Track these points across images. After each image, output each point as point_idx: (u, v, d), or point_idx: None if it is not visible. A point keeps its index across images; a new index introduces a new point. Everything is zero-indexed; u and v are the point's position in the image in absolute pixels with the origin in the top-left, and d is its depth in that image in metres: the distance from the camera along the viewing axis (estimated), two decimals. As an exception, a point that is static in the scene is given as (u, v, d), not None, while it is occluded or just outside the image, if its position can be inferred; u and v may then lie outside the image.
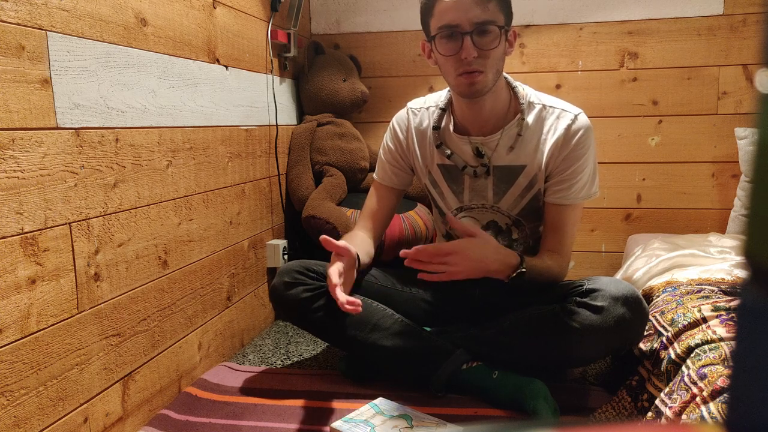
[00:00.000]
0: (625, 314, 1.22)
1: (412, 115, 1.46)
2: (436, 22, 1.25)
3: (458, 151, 1.40)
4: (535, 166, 1.35)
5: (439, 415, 1.24)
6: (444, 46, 1.25)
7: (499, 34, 1.23)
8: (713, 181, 2.11)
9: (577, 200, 1.35)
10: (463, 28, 1.21)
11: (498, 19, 1.23)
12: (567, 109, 1.34)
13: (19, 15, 0.92)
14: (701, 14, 2.04)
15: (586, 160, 1.33)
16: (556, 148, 1.32)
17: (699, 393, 0.96)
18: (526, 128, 1.34)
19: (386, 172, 1.50)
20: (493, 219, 1.43)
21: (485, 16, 1.21)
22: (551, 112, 1.34)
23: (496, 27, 1.22)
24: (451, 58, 1.25)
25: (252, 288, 1.79)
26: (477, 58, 1.22)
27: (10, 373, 0.92)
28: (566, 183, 1.33)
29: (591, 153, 1.34)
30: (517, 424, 0.27)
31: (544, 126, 1.34)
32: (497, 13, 1.22)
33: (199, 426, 1.24)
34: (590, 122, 1.34)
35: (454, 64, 1.25)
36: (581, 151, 1.32)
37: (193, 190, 1.43)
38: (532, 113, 1.35)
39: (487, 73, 1.25)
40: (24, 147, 0.93)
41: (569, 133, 1.31)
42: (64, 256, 1.02)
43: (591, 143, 1.33)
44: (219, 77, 1.56)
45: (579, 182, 1.33)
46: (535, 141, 1.34)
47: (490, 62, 1.24)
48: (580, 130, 1.31)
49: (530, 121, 1.34)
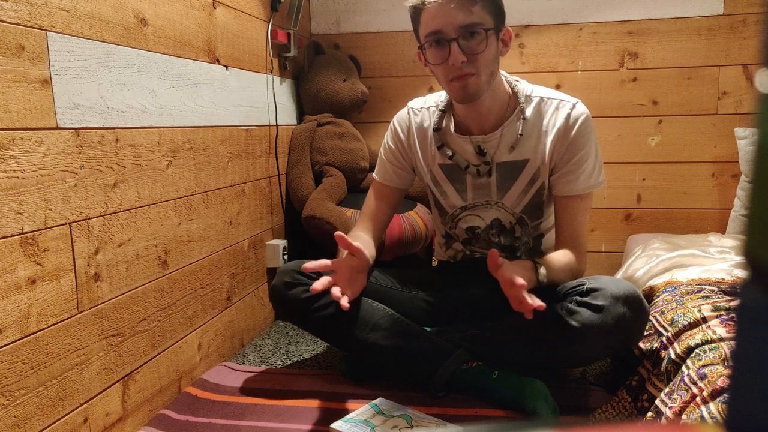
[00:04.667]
0: (626, 313, 1.22)
1: (413, 114, 1.47)
2: (424, 29, 1.25)
3: (460, 151, 1.40)
4: (538, 159, 1.35)
5: (439, 415, 1.24)
6: (433, 54, 1.25)
7: (486, 36, 1.22)
8: (713, 181, 2.11)
9: (586, 190, 1.34)
10: (448, 35, 1.21)
11: (485, 20, 1.21)
12: (565, 99, 1.35)
13: (19, 15, 0.92)
14: (701, 14, 2.04)
15: (589, 147, 1.33)
16: (558, 139, 1.33)
17: (699, 393, 0.96)
18: (526, 125, 1.34)
19: (387, 171, 1.50)
20: (497, 217, 1.43)
21: (470, 19, 1.20)
22: (550, 104, 1.35)
23: (482, 29, 1.21)
24: (441, 66, 1.25)
25: (252, 288, 1.79)
26: (466, 63, 1.22)
27: (10, 373, 0.92)
28: (573, 173, 1.33)
29: (593, 140, 1.34)
30: (517, 424, 0.27)
31: (544, 118, 1.34)
32: (483, 15, 1.21)
33: (199, 426, 1.24)
34: (588, 110, 1.34)
35: (444, 71, 1.25)
36: (583, 139, 1.32)
37: (193, 190, 1.43)
38: (530, 106, 1.35)
39: (480, 75, 1.24)
40: (24, 147, 0.93)
41: (569, 121, 1.32)
42: (64, 256, 1.02)
43: (592, 130, 1.34)
44: (219, 77, 1.56)
45: (585, 171, 1.33)
46: (536, 134, 1.35)
47: (481, 65, 1.23)
48: (580, 118, 1.32)
49: (529, 114, 1.35)
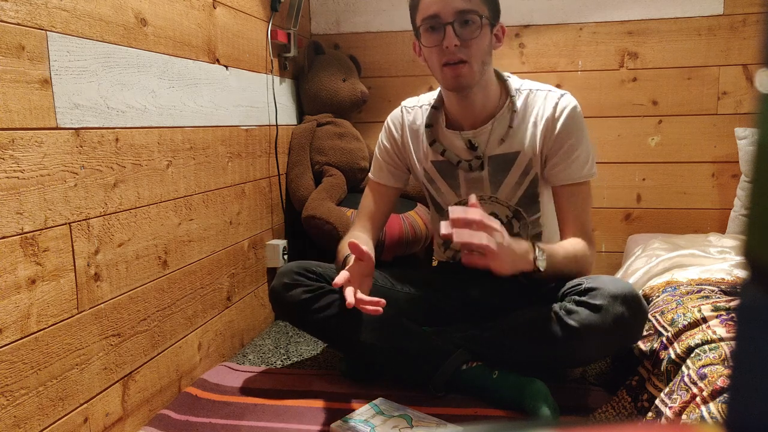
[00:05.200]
0: (624, 313, 1.22)
1: (405, 113, 1.48)
2: (420, 15, 1.28)
3: (451, 147, 1.40)
4: (529, 150, 1.36)
5: (439, 415, 1.24)
6: (428, 37, 1.28)
7: (481, 24, 1.24)
8: (713, 181, 2.11)
9: (582, 178, 1.34)
10: (445, 18, 1.23)
11: (480, 9, 1.25)
12: (553, 90, 1.37)
13: (19, 15, 0.92)
14: (701, 14, 2.04)
15: (579, 135, 1.33)
16: (547, 128, 1.34)
17: (699, 393, 0.96)
18: (515, 117, 1.35)
19: (383, 170, 1.51)
20: (494, 211, 1.43)
21: (467, 5, 1.23)
22: (538, 95, 1.37)
23: (477, 16, 1.24)
24: (434, 49, 1.27)
25: (252, 288, 1.79)
26: (460, 47, 1.24)
27: (10, 373, 0.92)
28: (565, 162, 1.34)
29: (583, 129, 1.35)
30: (517, 424, 0.27)
31: (534, 109, 1.36)
32: (480, 5, 1.25)
33: (199, 426, 1.24)
34: (577, 101, 1.35)
35: (437, 55, 1.27)
36: (571, 127, 1.33)
37: (193, 190, 1.43)
38: (519, 99, 1.37)
39: (472, 64, 1.26)
40: (24, 147, 0.93)
41: (556, 111, 1.33)
42: (64, 256, 1.02)
43: (580, 120, 1.35)
44: (219, 77, 1.56)
45: (579, 158, 1.33)
46: (525, 125, 1.36)
47: (474, 52, 1.25)
48: (568, 107, 1.33)
49: (519, 105, 1.36)
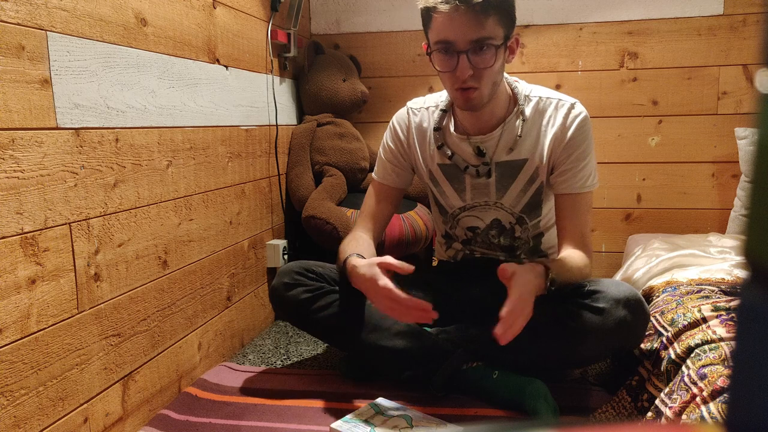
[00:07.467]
0: (626, 316, 1.22)
1: (412, 114, 1.47)
2: (434, 35, 1.24)
3: (459, 152, 1.40)
4: (537, 158, 1.35)
5: (439, 415, 1.24)
6: (440, 62, 1.25)
7: (495, 52, 1.21)
8: (713, 181, 2.11)
9: (586, 187, 1.34)
10: (459, 47, 1.20)
11: (496, 35, 1.20)
12: (563, 98, 1.36)
13: (19, 15, 0.92)
14: (701, 14, 2.04)
15: (587, 145, 1.33)
16: (556, 138, 1.33)
17: (699, 393, 0.96)
18: (524, 125, 1.35)
19: (387, 171, 1.50)
20: (497, 217, 1.43)
21: (482, 33, 1.18)
22: (548, 103, 1.35)
23: (493, 45, 1.20)
24: (447, 74, 1.25)
25: (252, 288, 1.79)
26: (472, 76, 1.22)
27: (10, 373, 0.92)
28: (571, 171, 1.33)
29: (591, 139, 1.35)
30: (517, 424, 0.27)
31: (543, 117, 1.35)
32: (496, 28, 1.20)
33: (199, 426, 1.24)
34: (587, 110, 1.35)
35: (450, 80, 1.26)
36: (581, 137, 1.32)
37: (193, 190, 1.43)
38: (529, 106, 1.36)
39: (483, 89, 1.25)
40: (24, 147, 0.93)
41: (567, 121, 1.33)
42: (64, 256, 1.02)
43: (590, 129, 1.35)
44: (219, 77, 1.56)
45: (585, 168, 1.33)
46: (534, 133, 1.35)
47: (486, 79, 1.24)
48: (579, 117, 1.33)
49: (528, 113, 1.35)
